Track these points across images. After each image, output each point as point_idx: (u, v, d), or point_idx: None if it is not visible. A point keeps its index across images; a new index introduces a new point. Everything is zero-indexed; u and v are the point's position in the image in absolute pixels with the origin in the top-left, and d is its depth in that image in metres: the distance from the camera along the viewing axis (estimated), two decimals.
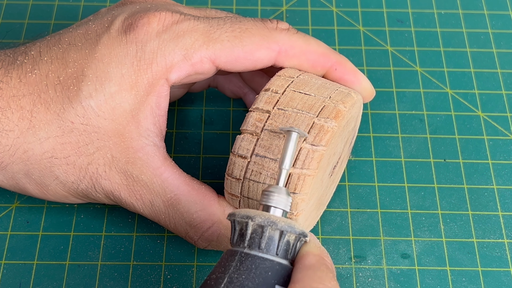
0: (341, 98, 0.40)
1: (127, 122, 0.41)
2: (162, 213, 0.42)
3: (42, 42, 0.42)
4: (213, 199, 0.42)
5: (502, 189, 0.49)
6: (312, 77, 0.42)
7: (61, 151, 0.40)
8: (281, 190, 0.36)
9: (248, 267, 0.34)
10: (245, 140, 0.40)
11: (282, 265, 0.35)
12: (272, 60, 0.43)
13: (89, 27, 0.42)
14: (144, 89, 0.41)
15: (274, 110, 0.40)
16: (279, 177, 0.37)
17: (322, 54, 0.43)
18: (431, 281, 0.45)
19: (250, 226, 0.35)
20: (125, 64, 0.41)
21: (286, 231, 0.35)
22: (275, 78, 0.42)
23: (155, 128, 0.41)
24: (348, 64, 0.44)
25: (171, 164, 0.42)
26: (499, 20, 0.57)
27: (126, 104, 0.40)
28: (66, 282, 0.44)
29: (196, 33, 0.41)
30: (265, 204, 0.36)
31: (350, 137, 0.45)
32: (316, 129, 0.39)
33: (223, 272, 0.34)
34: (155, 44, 0.41)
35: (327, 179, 0.43)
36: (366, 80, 0.44)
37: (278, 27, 0.43)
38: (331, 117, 0.39)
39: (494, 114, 0.52)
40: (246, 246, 0.35)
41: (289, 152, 0.37)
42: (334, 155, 0.42)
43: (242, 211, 0.35)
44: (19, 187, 0.43)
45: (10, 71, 0.41)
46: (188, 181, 0.42)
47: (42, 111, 0.40)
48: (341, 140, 0.42)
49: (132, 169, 0.41)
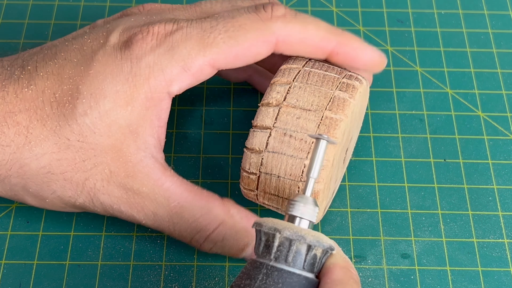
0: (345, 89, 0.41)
1: (124, 137, 0.40)
2: (165, 222, 0.42)
3: (39, 55, 0.42)
4: (216, 201, 0.42)
5: (502, 189, 0.49)
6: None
7: (57, 167, 0.40)
8: (308, 200, 0.35)
9: (275, 281, 0.33)
10: (265, 113, 0.40)
11: (308, 279, 0.34)
12: (270, 51, 0.42)
13: (85, 42, 0.42)
14: (141, 104, 0.40)
15: (294, 82, 0.41)
16: (306, 186, 0.35)
17: (321, 38, 0.42)
18: (431, 281, 0.45)
19: (277, 239, 0.34)
20: (119, 80, 0.40)
21: (314, 245, 0.34)
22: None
23: (153, 139, 0.41)
24: (350, 42, 0.43)
25: (171, 173, 0.42)
26: (499, 20, 0.57)
27: (121, 120, 0.40)
28: (66, 282, 0.44)
29: (190, 42, 0.41)
30: (291, 214, 0.35)
31: (356, 131, 0.46)
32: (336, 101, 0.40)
33: (249, 285, 0.33)
34: (150, 59, 0.40)
35: (336, 171, 0.43)
36: (371, 51, 0.43)
37: (273, 15, 0.42)
38: (349, 91, 0.41)
39: (494, 114, 0.52)
40: (273, 258, 0.34)
41: (318, 160, 0.35)
42: (347, 139, 0.42)
43: (269, 222, 0.34)
44: (18, 198, 0.43)
45: (6, 85, 0.41)
46: (190, 188, 0.42)
47: (38, 127, 0.40)
48: (352, 124, 0.43)
49: (133, 183, 0.41)
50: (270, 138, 0.40)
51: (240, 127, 0.51)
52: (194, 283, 0.44)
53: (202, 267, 0.45)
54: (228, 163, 0.49)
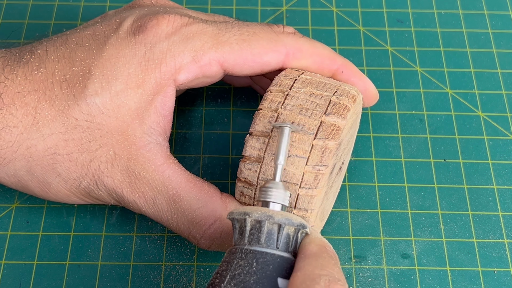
0: (347, 89, 0.41)
1: (132, 120, 0.41)
2: (164, 211, 0.42)
3: (48, 41, 0.43)
4: (215, 195, 0.42)
5: (502, 189, 0.49)
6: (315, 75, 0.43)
7: (64, 147, 0.41)
8: (278, 185, 0.37)
9: (248, 262, 0.34)
10: (262, 118, 0.40)
11: (283, 257, 0.35)
12: (280, 63, 0.43)
13: (97, 28, 0.43)
14: (151, 88, 0.41)
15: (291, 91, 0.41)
16: (275, 172, 0.37)
17: (328, 57, 0.44)
18: (431, 281, 0.45)
19: (248, 222, 0.35)
20: (132, 63, 0.41)
21: (284, 224, 0.35)
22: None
23: (158, 127, 0.42)
24: (353, 68, 0.45)
25: (173, 162, 0.42)
26: (499, 20, 0.57)
27: (131, 102, 0.41)
28: (66, 282, 0.44)
29: (205, 36, 0.42)
30: (263, 200, 0.37)
31: (350, 142, 0.45)
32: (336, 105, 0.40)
33: (226, 270, 0.35)
34: (164, 45, 0.41)
35: (331, 184, 0.43)
36: (371, 83, 0.45)
37: (284, 31, 0.44)
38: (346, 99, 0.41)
39: (494, 114, 0.52)
40: (247, 242, 0.35)
41: (283, 147, 0.38)
42: (340, 151, 0.42)
43: (240, 209, 0.36)
44: (21, 184, 0.43)
45: (15, 68, 0.41)
46: (190, 179, 0.42)
47: (46, 107, 0.40)
48: (347, 135, 0.43)
49: (134, 166, 0.41)
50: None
51: (240, 127, 0.51)
52: (194, 283, 0.44)
53: (202, 267, 0.45)
54: (228, 163, 0.49)
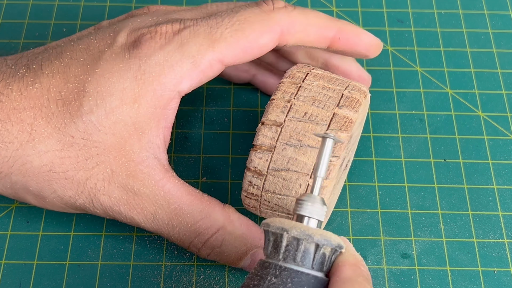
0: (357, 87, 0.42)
1: (129, 135, 0.40)
2: (164, 225, 0.42)
3: (43, 55, 0.42)
4: (217, 205, 0.42)
5: (502, 189, 0.49)
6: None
7: (59, 165, 0.40)
8: (315, 199, 0.35)
9: (283, 280, 0.33)
10: (275, 107, 0.40)
11: (318, 278, 0.34)
12: (276, 42, 0.43)
13: (91, 42, 0.42)
14: (149, 101, 0.41)
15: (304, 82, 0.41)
16: (313, 185, 0.35)
17: (323, 26, 0.43)
18: (431, 281, 0.45)
19: (285, 238, 0.34)
20: (127, 78, 0.40)
21: (322, 244, 0.33)
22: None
23: (158, 140, 0.41)
24: (349, 29, 0.44)
25: (173, 176, 0.42)
26: (499, 20, 0.57)
27: (127, 117, 0.40)
28: (66, 282, 0.44)
29: (198, 38, 0.41)
30: (299, 214, 0.35)
31: (356, 140, 0.45)
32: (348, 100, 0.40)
33: (258, 285, 0.33)
34: (160, 57, 0.41)
35: (338, 180, 0.43)
36: (369, 36, 0.45)
37: (275, 7, 0.43)
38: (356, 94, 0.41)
39: (494, 114, 0.52)
40: (281, 258, 0.34)
41: (324, 159, 0.35)
42: (350, 145, 0.42)
43: (277, 222, 0.34)
44: (18, 196, 0.43)
45: (11, 83, 0.41)
46: (191, 191, 0.42)
47: (43, 125, 0.40)
48: (356, 130, 0.43)
49: (133, 183, 0.41)
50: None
51: (240, 127, 0.51)
52: (194, 283, 0.44)
53: (202, 267, 0.45)
54: (228, 163, 0.49)
